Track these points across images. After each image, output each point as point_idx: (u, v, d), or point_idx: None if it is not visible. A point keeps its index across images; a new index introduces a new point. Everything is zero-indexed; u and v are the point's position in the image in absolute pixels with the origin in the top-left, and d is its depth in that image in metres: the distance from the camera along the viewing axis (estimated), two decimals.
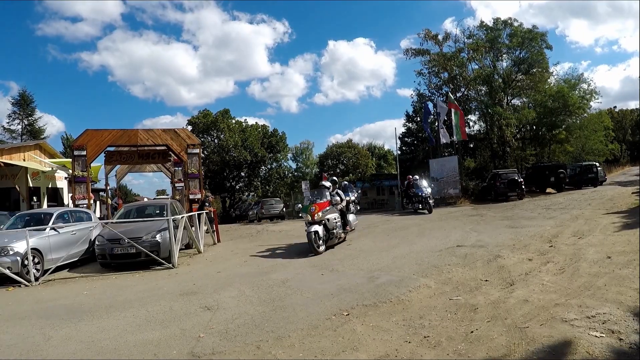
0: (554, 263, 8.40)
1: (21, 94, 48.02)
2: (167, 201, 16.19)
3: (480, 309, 6.02)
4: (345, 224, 13.81)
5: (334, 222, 12.72)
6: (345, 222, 13.75)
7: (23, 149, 24.17)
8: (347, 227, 13.91)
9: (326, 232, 12.47)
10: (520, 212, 18.39)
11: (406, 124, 45.89)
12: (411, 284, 7.71)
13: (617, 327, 4.87)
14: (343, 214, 13.73)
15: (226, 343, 5.43)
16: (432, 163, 31.48)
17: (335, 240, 12.87)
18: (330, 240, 12.60)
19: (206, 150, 44.61)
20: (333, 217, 12.81)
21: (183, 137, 19.52)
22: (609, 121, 47.83)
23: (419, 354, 4.70)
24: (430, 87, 38.54)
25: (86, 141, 18.09)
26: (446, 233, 13.95)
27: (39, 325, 6.65)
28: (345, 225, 13.72)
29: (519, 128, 37.67)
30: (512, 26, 36.72)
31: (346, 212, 14.15)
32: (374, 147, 77.54)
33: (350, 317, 6.10)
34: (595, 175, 30.88)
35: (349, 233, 14.43)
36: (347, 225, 13.92)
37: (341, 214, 13.58)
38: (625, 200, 18.01)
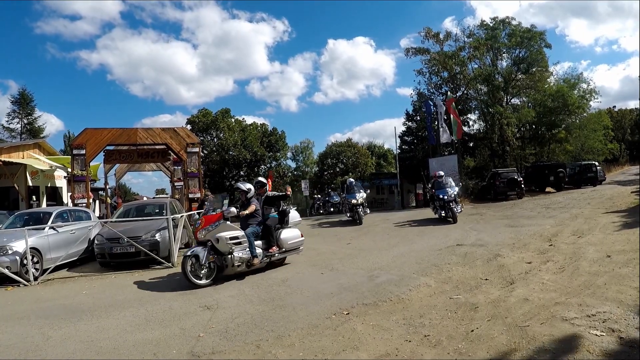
0: (553, 262, 8.40)
1: (21, 93, 48.02)
2: (166, 200, 16.16)
3: (481, 307, 6.01)
4: (271, 244, 9.95)
5: (226, 242, 9.10)
6: (270, 241, 9.98)
7: (22, 148, 24.15)
8: (272, 248, 9.90)
9: (218, 257, 9.14)
10: (520, 211, 18.39)
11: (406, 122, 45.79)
12: (411, 282, 7.71)
13: (618, 325, 4.87)
14: (267, 229, 9.99)
15: (226, 342, 5.42)
16: (431, 162, 31.40)
17: (237, 269, 9.21)
18: (227, 269, 9.17)
19: (206, 149, 44.63)
20: (227, 236, 9.16)
21: (182, 136, 19.50)
22: (608, 121, 47.87)
23: (420, 353, 4.70)
24: (430, 86, 38.54)
25: (85, 140, 18.06)
26: (446, 232, 13.95)
27: (38, 325, 6.64)
28: (270, 246, 9.95)
29: (519, 127, 37.66)
30: (511, 25, 36.71)
31: (274, 226, 10.22)
32: (374, 146, 77.53)
33: (351, 316, 6.09)
34: (594, 175, 30.86)
35: (292, 253, 10.75)
36: (272, 245, 9.94)
37: (265, 228, 9.99)
38: (624, 200, 18.01)
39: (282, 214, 10.59)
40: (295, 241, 10.68)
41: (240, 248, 9.31)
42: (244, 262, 9.30)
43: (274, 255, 10.00)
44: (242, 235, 9.43)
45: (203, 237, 9.21)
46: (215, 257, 9.10)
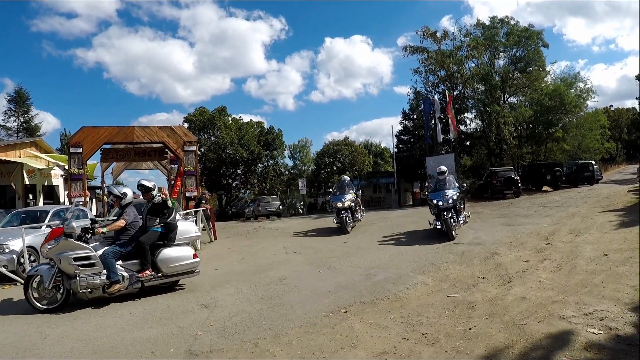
0: (551, 260, 8.41)
1: (17, 91, 47.85)
2: None
3: (478, 306, 6.02)
4: (145, 266, 7.92)
5: (69, 263, 7.40)
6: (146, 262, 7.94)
7: (19, 146, 24.08)
8: (143, 272, 7.90)
9: (67, 279, 7.52)
10: (517, 210, 18.42)
11: (403, 121, 45.81)
12: (409, 281, 7.72)
13: (615, 323, 4.88)
14: (140, 247, 7.98)
15: (224, 341, 5.42)
16: (428, 160, 31.43)
17: (89, 295, 7.48)
18: (78, 294, 7.53)
19: (203, 148, 44.54)
20: (70, 256, 7.40)
21: (179, 134, 19.48)
22: (605, 120, 48.05)
23: (417, 351, 4.70)
24: (427, 84, 38.57)
25: (82, 138, 18.04)
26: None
27: (35, 324, 6.62)
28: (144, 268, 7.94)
29: (516, 126, 37.70)
30: (508, 24, 36.75)
31: (154, 242, 8.19)
32: (371, 144, 77.55)
33: (348, 315, 6.10)
34: (591, 174, 30.99)
35: (179, 278, 8.58)
36: (146, 267, 7.93)
37: (138, 246, 7.99)
38: (621, 199, 18.05)
39: (168, 227, 8.37)
40: (182, 264, 8.29)
41: (91, 271, 7.47)
42: (99, 288, 7.49)
43: (150, 280, 7.98)
44: (95, 255, 7.55)
45: (46, 253, 7.81)
46: (62, 278, 7.52)
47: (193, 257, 8.50)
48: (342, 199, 16.03)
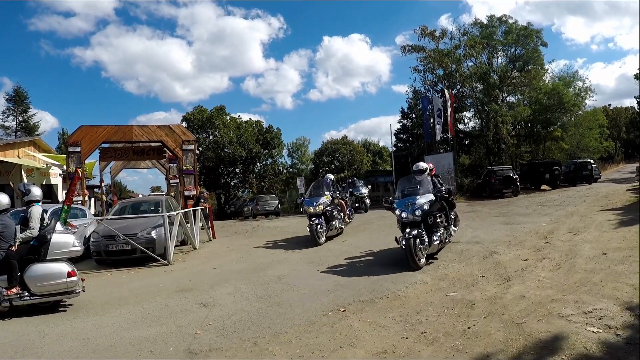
0: (550, 259, 8.42)
1: (15, 90, 47.71)
2: (162, 197, 16.13)
3: (477, 304, 6.02)
4: (12, 283, 6.86)
5: None
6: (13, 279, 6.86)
7: (17, 146, 24.03)
8: (9, 290, 6.84)
9: None
10: (516, 209, 18.43)
11: (401, 120, 45.91)
12: (407, 280, 7.71)
13: (614, 322, 4.88)
14: (6, 263, 6.89)
15: (223, 339, 5.42)
16: (427, 159, 31.43)
17: None
18: None
19: (201, 147, 44.50)
20: None
21: (178, 133, 19.45)
22: (603, 119, 48.08)
23: (417, 350, 4.70)
24: (426, 83, 38.64)
25: (80, 137, 18.00)
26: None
27: (34, 323, 6.61)
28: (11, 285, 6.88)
29: (514, 125, 37.75)
30: (507, 23, 36.79)
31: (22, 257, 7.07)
32: (369, 143, 77.55)
33: (347, 313, 6.10)
34: (589, 173, 31.01)
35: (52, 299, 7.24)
36: (13, 284, 6.86)
37: (3, 261, 6.89)
38: (620, 198, 18.07)
39: (40, 240, 7.27)
40: (53, 283, 7.04)
41: None
42: None
43: (19, 299, 6.91)
44: None
45: None
46: None
47: (68, 276, 7.10)
48: (315, 203, 13.58)
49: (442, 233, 9.20)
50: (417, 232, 8.54)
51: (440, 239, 9.08)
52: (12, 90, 49.27)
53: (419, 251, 8.39)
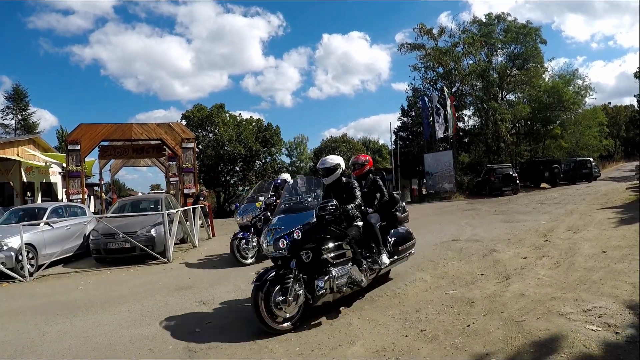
0: (549, 257, 8.42)
1: (15, 89, 47.80)
2: (161, 195, 16.14)
3: (477, 302, 6.02)
4: None
5: None
6: None
7: (17, 144, 24.03)
8: None
9: None
10: (515, 207, 18.44)
11: (401, 118, 45.88)
12: (407, 277, 7.72)
13: (613, 320, 4.88)
14: None
15: (222, 337, 5.41)
16: (426, 157, 31.53)
17: None
18: None
19: (200, 145, 44.44)
20: None
21: (177, 131, 19.44)
22: (603, 117, 48.05)
23: (416, 348, 4.70)
24: (426, 81, 38.64)
25: (80, 135, 18.00)
26: (441, 227, 13.97)
27: (33, 321, 6.62)
28: None
29: (514, 123, 37.77)
30: (506, 21, 36.77)
31: None
32: (369, 141, 77.59)
33: (347, 311, 6.09)
34: (589, 171, 31.08)
35: None
36: None
37: None
38: (619, 196, 18.09)
39: None
40: None
41: None
42: None
43: None
44: None
45: None
46: None
47: None
48: (244, 212, 11.41)
49: (337, 276, 5.80)
50: (273, 275, 5.55)
51: (334, 286, 5.73)
52: (11, 88, 49.23)
53: (275, 307, 5.39)
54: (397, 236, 7.26)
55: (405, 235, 7.50)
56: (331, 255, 5.86)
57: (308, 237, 5.76)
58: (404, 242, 7.33)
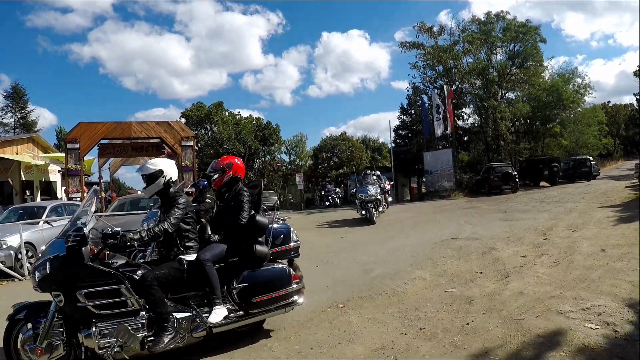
0: (548, 256, 8.43)
1: (14, 87, 47.70)
2: None
3: (476, 301, 6.03)
4: None
5: None
6: None
7: (16, 143, 24.04)
8: None
9: None
10: (514, 205, 18.43)
11: (401, 116, 45.84)
12: (406, 276, 7.73)
13: (612, 319, 4.89)
14: None
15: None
16: (426, 156, 31.50)
17: None
18: None
19: (200, 143, 44.46)
20: None
21: (177, 129, 19.47)
22: (602, 116, 48.04)
23: (415, 346, 4.71)
24: (425, 80, 38.60)
25: (79, 134, 18.01)
26: (441, 226, 13.97)
27: None
28: None
29: (513, 122, 37.73)
30: (505, 20, 36.73)
31: None
32: (369, 140, 77.43)
33: (346, 309, 6.11)
34: (588, 169, 31.06)
35: None
36: None
37: None
38: (619, 194, 18.09)
39: None
40: None
41: None
42: None
43: None
44: None
45: None
46: None
47: None
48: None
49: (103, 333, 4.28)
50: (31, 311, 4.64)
51: (102, 346, 4.25)
52: (10, 87, 49.16)
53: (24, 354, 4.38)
54: (252, 281, 5.04)
55: (270, 279, 5.15)
56: (92, 303, 4.26)
57: (66, 272, 4.29)
58: (264, 292, 5.05)
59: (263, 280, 5.06)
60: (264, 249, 5.17)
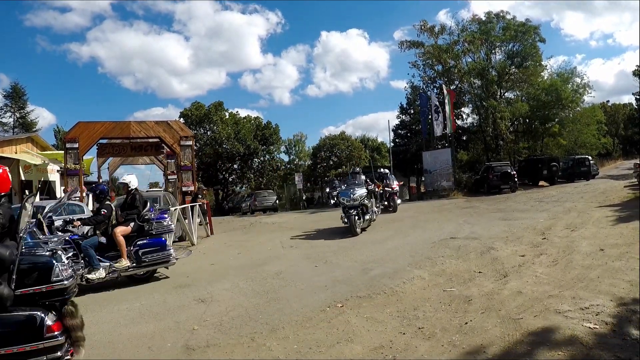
0: (547, 255, 8.43)
1: (13, 87, 47.53)
2: (160, 193, 16.14)
3: (474, 300, 6.03)
4: None
5: None
6: None
7: (15, 142, 24.01)
8: None
9: None
10: (513, 205, 18.45)
11: (400, 116, 45.89)
12: (405, 275, 7.73)
13: (611, 318, 4.90)
14: None
15: (220, 335, 5.43)
16: (425, 155, 31.55)
17: None
18: None
19: (199, 143, 44.44)
20: None
21: (176, 129, 19.43)
22: (601, 115, 48.02)
23: (414, 345, 4.71)
24: (425, 79, 38.62)
25: (78, 134, 17.97)
26: (439, 225, 13.98)
27: None
28: None
29: (512, 121, 37.77)
30: (504, 19, 36.75)
31: None
32: (367, 139, 77.42)
33: (345, 309, 6.11)
34: (587, 169, 31.08)
35: None
36: None
37: None
38: (617, 194, 18.11)
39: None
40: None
41: None
42: None
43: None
44: None
45: None
46: None
47: None
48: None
49: None
50: None
51: None
52: (9, 86, 49.06)
53: None
54: None
55: None
56: None
57: None
58: None
59: None
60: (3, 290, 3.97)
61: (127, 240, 8.51)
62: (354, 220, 13.18)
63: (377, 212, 15.78)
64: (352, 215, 13.27)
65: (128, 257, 8.44)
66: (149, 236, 8.81)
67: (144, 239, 8.71)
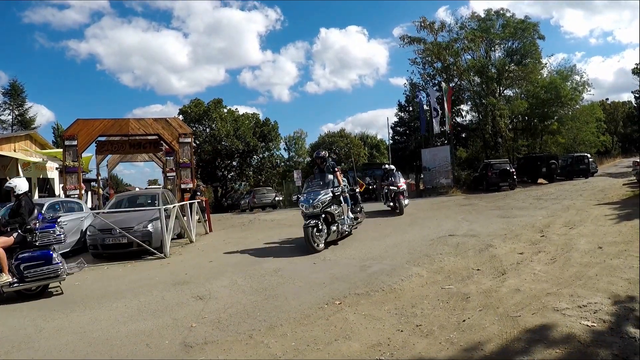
0: (545, 253, 8.43)
1: (11, 84, 47.52)
2: (158, 191, 16.13)
3: (472, 298, 6.04)
4: None
5: None
6: None
7: (14, 140, 24.00)
8: None
9: None
10: (512, 202, 18.46)
11: (398, 113, 45.94)
12: (403, 273, 7.73)
13: (609, 316, 4.90)
14: None
15: (218, 332, 5.43)
16: (424, 153, 31.53)
17: None
18: None
19: (198, 140, 44.44)
20: None
21: (175, 126, 19.44)
22: (601, 113, 47.97)
23: (411, 343, 4.71)
24: (424, 76, 38.58)
25: (77, 131, 17.98)
26: (438, 222, 13.98)
27: (30, 317, 6.62)
28: None
29: (511, 118, 37.73)
30: (504, 16, 36.71)
31: None
32: (366, 136, 77.42)
33: (343, 306, 6.11)
34: (586, 167, 31.08)
35: None
36: None
37: None
38: (616, 192, 18.12)
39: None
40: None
41: None
42: None
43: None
44: None
45: None
46: None
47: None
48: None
49: None
50: None
51: None
52: (8, 83, 49.06)
53: None
54: None
55: None
56: None
57: None
58: None
59: None
60: None
61: (9, 253, 7.65)
62: (310, 234, 10.48)
63: (353, 224, 12.53)
64: (309, 226, 10.57)
65: (9, 271, 7.53)
66: (33, 248, 7.78)
67: (27, 252, 7.71)
